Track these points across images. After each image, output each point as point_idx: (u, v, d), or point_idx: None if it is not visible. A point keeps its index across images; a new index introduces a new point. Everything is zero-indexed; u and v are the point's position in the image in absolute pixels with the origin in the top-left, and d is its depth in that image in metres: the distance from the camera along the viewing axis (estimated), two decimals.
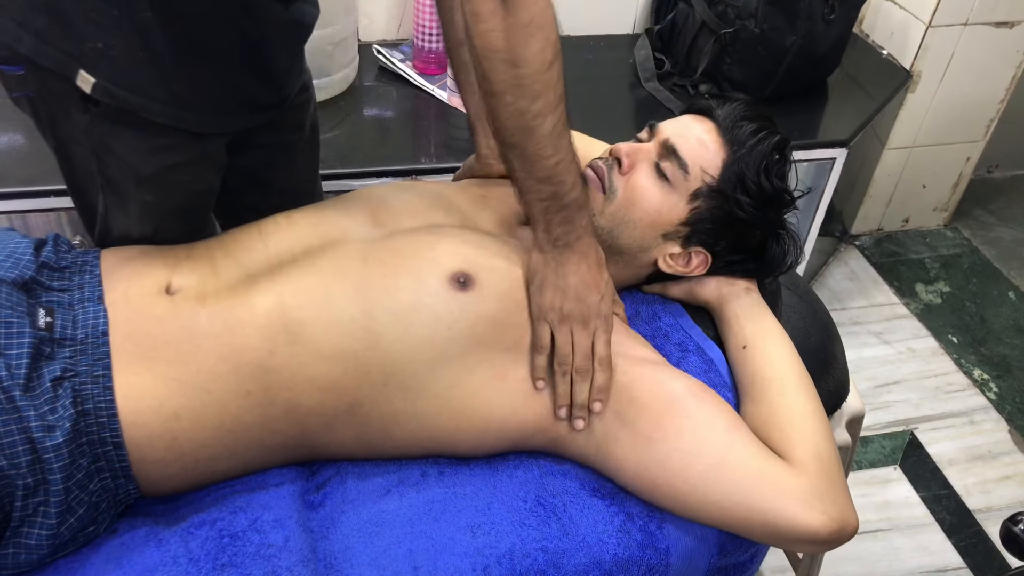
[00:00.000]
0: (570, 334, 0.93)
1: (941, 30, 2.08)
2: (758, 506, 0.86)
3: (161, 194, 1.02)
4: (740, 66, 1.85)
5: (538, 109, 0.84)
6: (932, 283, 2.36)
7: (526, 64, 0.82)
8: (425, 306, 0.91)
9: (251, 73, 1.04)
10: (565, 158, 0.88)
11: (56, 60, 0.91)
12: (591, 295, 0.94)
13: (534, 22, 0.80)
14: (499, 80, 0.83)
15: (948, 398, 2.04)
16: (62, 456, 0.81)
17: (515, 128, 0.85)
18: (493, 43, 0.81)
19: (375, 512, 0.91)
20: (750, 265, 1.06)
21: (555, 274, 0.93)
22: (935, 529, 1.75)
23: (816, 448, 0.90)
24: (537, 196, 0.90)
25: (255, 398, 0.89)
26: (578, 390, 0.93)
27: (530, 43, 0.81)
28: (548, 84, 0.83)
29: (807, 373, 0.98)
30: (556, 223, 0.91)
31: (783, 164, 1.03)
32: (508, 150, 0.88)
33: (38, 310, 0.88)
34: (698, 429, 0.89)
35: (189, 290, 0.93)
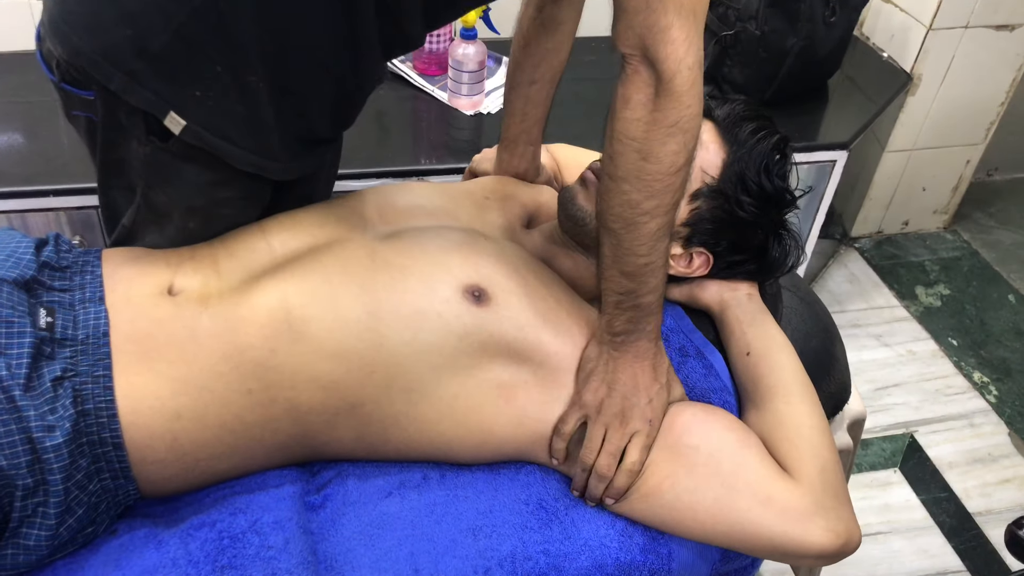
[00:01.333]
0: (603, 431, 0.91)
1: (942, 33, 2.08)
2: (766, 532, 0.87)
3: (205, 224, 1.02)
4: (741, 68, 1.85)
5: (650, 207, 0.83)
6: (932, 286, 2.36)
7: (657, 161, 0.81)
8: (435, 313, 0.90)
9: (336, 123, 1.05)
10: (656, 262, 0.87)
11: (146, 100, 0.90)
12: (639, 397, 0.91)
13: (679, 124, 0.79)
14: (625, 167, 0.82)
15: (948, 401, 2.04)
16: (62, 456, 0.81)
17: (620, 217, 0.84)
18: (633, 132, 0.80)
19: (376, 514, 0.91)
20: (751, 266, 1.06)
21: (605, 368, 0.91)
22: (935, 532, 1.75)
23: (823, 463, 0.90)
24: (614, 287, 0.89)
25: (256, 397, 0.88)
26: (593, 486, 0.92)
27: (668, 143, 0.80)
28: (669, 187, 0.83)
29: (810, 383, 0.98)
30: (622, 320, 0.90)
31: (784, 163, 1.03)
32: (605, 234, 0.87)
33: (39, 310, 0.88)
34: (706, 462, 0.90)
35: (191, 291, 0.93)
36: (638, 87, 0.79)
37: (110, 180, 1.02)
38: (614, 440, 0.91)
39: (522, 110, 1.21)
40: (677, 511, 0.89)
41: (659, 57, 0.77)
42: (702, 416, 0.93)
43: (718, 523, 0.88)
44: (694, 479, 0.89)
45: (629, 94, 0.80)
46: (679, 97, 0.78)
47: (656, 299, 0.89)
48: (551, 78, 1.19)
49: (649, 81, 0.79)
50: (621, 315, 0.89)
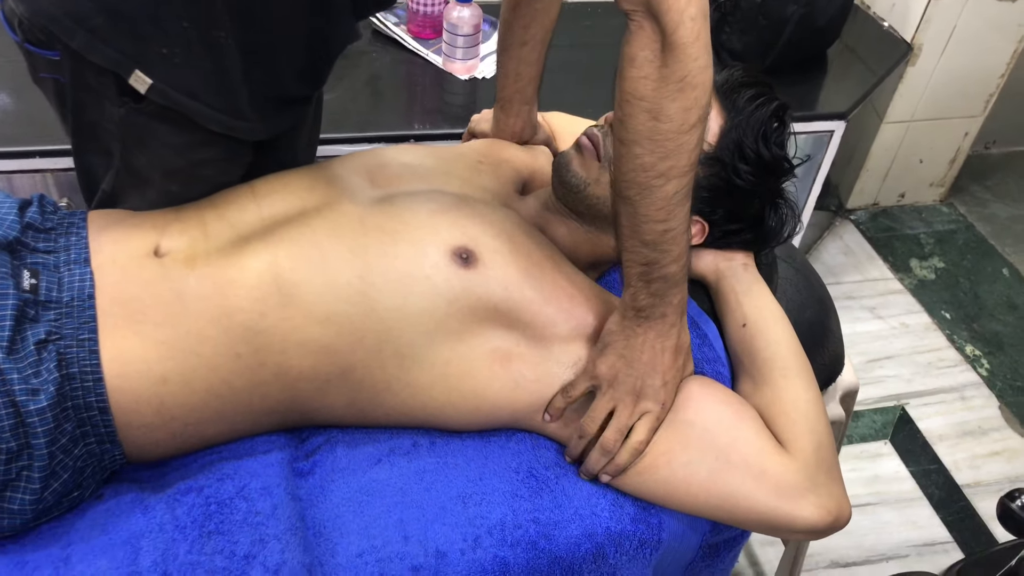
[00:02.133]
0: (611, 406, 0.90)
1: (943, 3, 2.05)
2: (758, 507, 0.87)
3: (186, 186, 1.01)
4: (740, 35, 1.82)
5: (664, 169, 0.80)
6: (926, 259, 2.36)
7: (668, 119, 0.78)
8: (424, 277, 0.89)
9: (305, 81, 1.03)
10: (677, 228, 0.84)
11: (110, 58, 0.88)
12: (655, 377, 0.89)
13: (687, 79, 0.77)
14: (636, 129, 0.79)
15: (940, 374, 2.04)
16: (46, 420, 0.80)
17: (634, 182, 0.81)
18: (641, 90, 0.78)
19: (365, 481, 0.90)
20: (748, 235, 1.05)
21: (625, 342, 0.89)
22: (923, 503, 1.76)
23: (818, 439, 0.90)
24: (636, 259, 0.86)
25: (245, 361, 0.87)
26: (594, 459, 0.90)
27: (678, 99, 0.77)
28: (683, 146, 0.80)
29: (806, 356, 0.98)
30: (645, 293, 0.87)
31: (782, 131, 1.01)
32: (621, 203, 0.84)
33: (22, 272, 0.86)
34: (701, 435, 0.89)
35: (178, 252, 0.91)
36: (643, 44, 0.77)
37: (85, 145, 1.00)
38: (623, 417, 0.89)
39: (515, 71, 1.19)
40: (671, 485, 0.89)
41: (661, 9, 0.75)
42: (698, 390, 0.93)
43: (711, 497, 0.88)
44: (688, 453, 0.89)
45: (634, 52, 0.77)
46: (684, 49, 0.76)
47: (680, 269, 0.86)
48: (542, 38, 1.17)
49: (654, 37, 0.76)
50: (645, 288, 0.86)
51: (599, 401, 0.90)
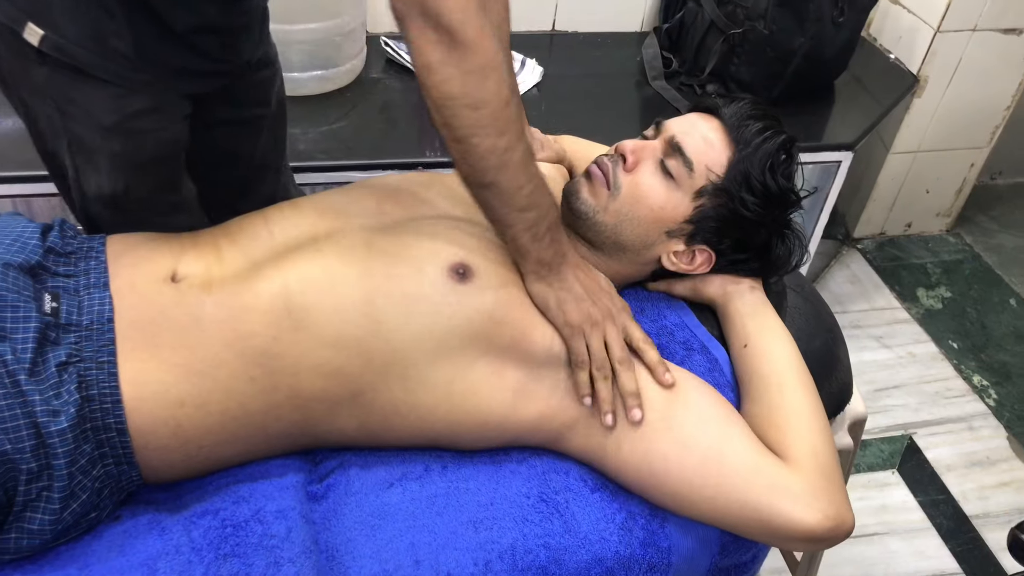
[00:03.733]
0: (603, 337, 0.94)
1: (949, 35, 2.08)
2: (753, 502, 0.86)
3: (128, 144, 1.03)
4: (748, 67, 1.85)
5: (507, 144, 0.85)
6: (933, 288, 2.36)
7: (486, 105, 0.83)
8: (424, 296, 0.91)
9: (198, 33, 1.04)
10: (538, 183, 0.90)
11: (6, 13, 0.91)
12: (602, 295, 0.96)
13: (487, 65, 0.81)
14: (463, 125, 0.84)
15: (947, 403, 2.04)
16: (67, 441, 0.81)
17: (489, 167, 0.86)
18: (451, 91, 0.82)
19: (378, 505, 0.91)
20: (754, 264, 1.06)
21: (566, 291, 0.94)
22: (932, 534, 1.75)
23: (812, 445, 0.90)
24: (522, 226, 0.91)
25: (259, 384, 0.89)
26: (626, 379, 0.93)
27: (487, 85, 0.82)
28: (510, 120, 0.85)
29: (807, 371, 0.98)
30: (546, 246, 0.93)
31: (789, 163, 1.03)
32: (484, 190, 0.89)
33: (44, 295, 0.88)
34: (696, 423, 0.90)
35: (194, 278, 0.93)
36: (430, 49, 0.80)
37: (38, 125, 1.03)
38: (614, 336, 0.94)
39: None
40: (665, 470, 0.89)
41: (442, 11, 0.78)
42: (694, 385, 0.94)
43: (705, 485, 0.88)
44: (684, 434, 0.90)
45: (426, 60, 0.81)
46: (476, 42, 0.80)
47: (556, 212, 0.94)
48: None
49: (438, 39, 0.80)
50: (542, 242, 0.92)
51: (593, 344, 0.93)
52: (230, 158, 1.26)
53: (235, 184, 1.29)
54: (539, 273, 0.95)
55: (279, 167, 1.35)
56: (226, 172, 1.27)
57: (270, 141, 1.30)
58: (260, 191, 1.32)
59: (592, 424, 0.93)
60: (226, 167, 1.27)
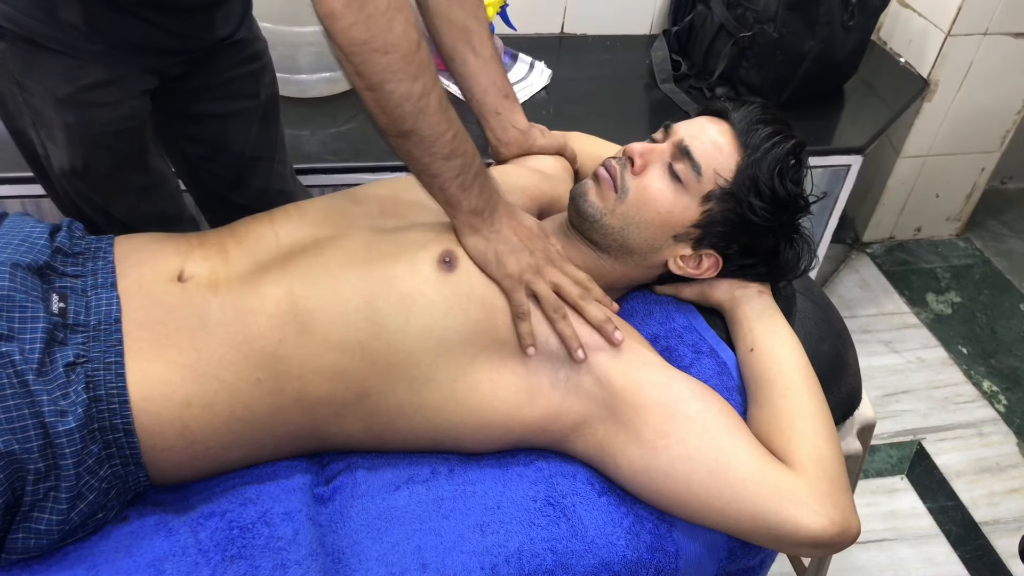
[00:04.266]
0: (547, 284, 0.95)
1: (960, 39, 2.07)
2: (759, 510, 0.85)
3: (82, 116, 1.04)
4: (757, 70, 1.84)
5: (422, 88, 0.84)
6: (943, 293, 2.35)
7: (396, 48, 0.82)
8: (421, 294, 0.92)
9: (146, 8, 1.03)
10: (459, 130, 0.90)
11: None
12: (537, 240, 0.97)
13: (391, 7, 0.81)
14: (375, 71, 0.83)
15: (957, 409, 2.03)
16: (74, 441, 0.81)
17: (406, 114, 0.85)
18: (357, 36, 0.81)
19: (384, 508, 0.91)
20: (762, 269, 1.05)
21: (503, 243, 0.95)
22: (941, 540, 1.74)
23: (817, 450, 0.89)
24: (449, 175, 0.91)
25: (266, 386, 0.89)
26: (593, 313, 0.95)
27: (394, 27, 0.81)
28: (423, 63, 0.84)
29: (814, 375, 0.98)
30: (475, 194, 0.93)
31: (798, 169, 1.02)
32: (405, 140, 0.88)
33: (52, 295, 0.88)
34: (701, 434, 0.89)
35: (201, 277, 0.93)
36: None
37: (6, 106, 1.04)
38: (561, 278, 0.96)
39: (466, 90, 1.20)
40: (672, 480, 0.88)
41: None
42: (701, 393, 0.93)
43: (712, 496, 0.87)
44: (688, 449, 0.88)
45: (328, 8, 0.80)
46: None
47: (480, 159, 0.93)
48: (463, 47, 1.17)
49: None
50: (471, 190, 0.92)
51: (540, 290, 0.95)
52: (220, 150, 1.27)
53: (226, 176, 1.30)
54: (473, 225, 0.95)
55: (272, 160, 1.36)
56: (217, 164, 1.28)
57: (261, 134, 1.30)
58: (252, 184, 1.33)
59: (598, 427, 0.93)
60: (216, 159, 1.28)
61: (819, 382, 0.98)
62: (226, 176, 1.30)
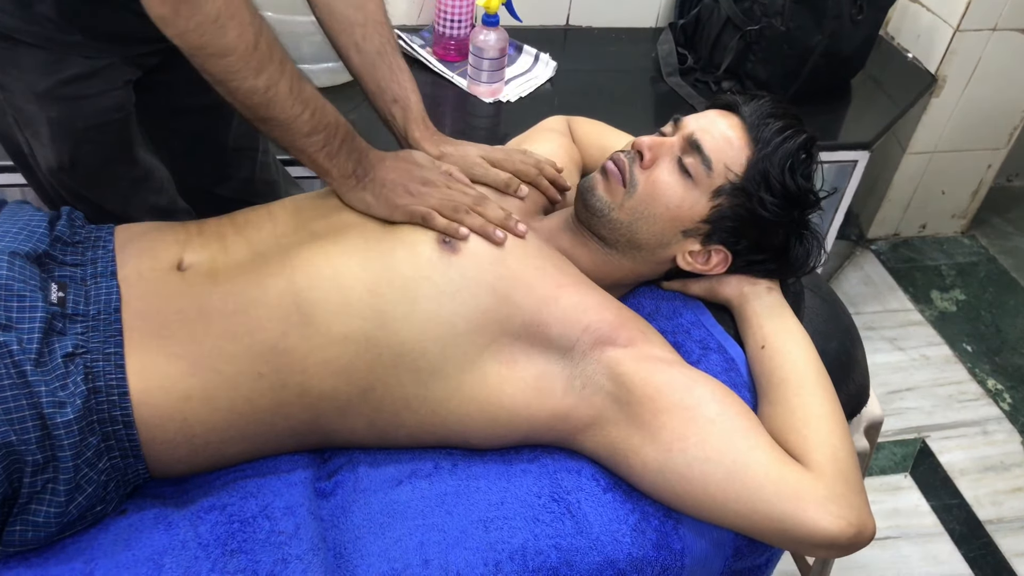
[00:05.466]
0: (442, 192, 0.98)
1: (969, 35, 2.05)
2: (776, 512, 0.84)
3: (65, 110, 1.03)
4: (764, 64, 1.83)
5: (266, 82, 0.85)
6: (948, 291, 2.34)
7: (232, 52, 0.82)
8: (424, 277, 0.90)
9: None
10: (317, 106, 0.91)
11: None
12: (418, 169, 1.00)
13: (221, 15, 0.80)
14: (216, 71, 0.84)
15: (961, 407, 2.02)
16: (72, 433, 0.80)
17: (257, 105, 0.87)
18: (191, 42, 0.82)
19: (387, 502, 0.90)
20: (771, 265, 1.04)
21: (379, 185, 0.97)
22: (944, 539, 1.74)
23: (833, 450, 0.88)
24: (313, 149, 0.92)
25: (268, 380, 0.87)
26: (492, 213, 0.97)
27: (227, 34, 0.81)
28: (263, 59, 0.84)
29: (826, 373, 0.97)
30: (344, 161, 0.94)
31: (809, 163, 1.01)
32: (264, 125, 0.90)
33: (51, 284, 0.87)
34: (720, 436, 0.87)
35: (200, 267, 0.92)
36: (158, 4, 0.79)
37: None
38: (447, 192, 0.98)
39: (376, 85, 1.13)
40: (689, 482, 0.87)
41: None
42: (721, 395, 0.91)
43: (729, 498, 0.86)
44: (706, 451, 0.87)
45: (157, 14, 0.80)
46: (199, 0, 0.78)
47: (344, 122, 0.95)
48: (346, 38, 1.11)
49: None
50: (339, 158, 0.94)
51: (429, 203, 0.96)
52: (202, 143, 1.26)
53: (210, 169, 1.29)
54: (348, 185, 0.97)
55: (256, 151, 1.34)
56: (200, 157, 1.27)
57: (243, 126, 1.28)
58: (237, 175, 1.32)
59: (611, 427, 0.91)
60: (199, 152, 1.27)
61: (824, 369, 0.97)
62: (210, 169, 1.29)
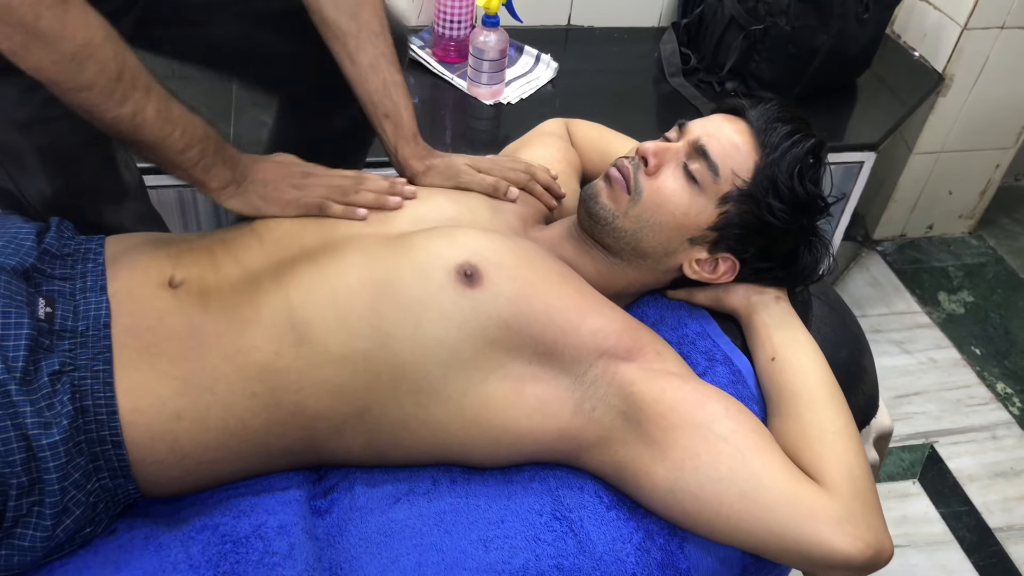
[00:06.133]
0: (324, 180, 1.00)
1: (976, 33, 2.02)
2: (791, 533, 0.81)
3: (49, 136, 1.00)
4: (769, 64, 1.80)
5: (132, 109, 0.83)
6: (955, 292, 2.31)
7: (92, 86, 0.80)
8: (433, 301, 0.87)
9: None
10: (187, 123, 0.89)
11: None
12: (290, 167, 1.01)
13: (79, 53, 0.77)
14: (79, 103, 0.81)
15: (970, 411, 1.99)
16: (58, 455, 0.78)
17: (124, 131, 0.85)
18: (49, 77, 0.79)
19: (384, 521, 0.88)
20: (780, 273, 1.01)
21: (260, 186, 0.98)
22: (954, 547, 1.71)
23: (849, 468, 0.85)
24: (190, 164, 0.91)
25: (261, 400, 0.85)
26: (370, 197, 1.00)
27: (85, 70, 0.79)
28: (127, 90, 0.82)
29: (838, 387, 0.94)
30: (220, 170, 0.94)
31: (818, 168, 0.99)
32: (134, 147, 0.88)
33: (38, 300, 0.85)
34: (733, 455, 0.84)
35: (191, 283, 0.90)
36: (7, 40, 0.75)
37: None
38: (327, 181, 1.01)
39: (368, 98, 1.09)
40: (701, 501, 0.84)
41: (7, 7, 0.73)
42: (735, 412, 0.88)
43: (743, 519, 0.83)
44: (719, 470, 0.84)
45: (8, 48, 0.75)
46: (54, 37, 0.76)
47: (214, 132, 0.93)
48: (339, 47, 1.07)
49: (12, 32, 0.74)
50: (214, 168, 0.93)
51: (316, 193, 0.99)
52: None
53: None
54: (227, 193, 0.96)
55: None
56: None
57: None
58: None
59: (619, 446, 0.88)
60: None
61: (837, 383, 0.94)
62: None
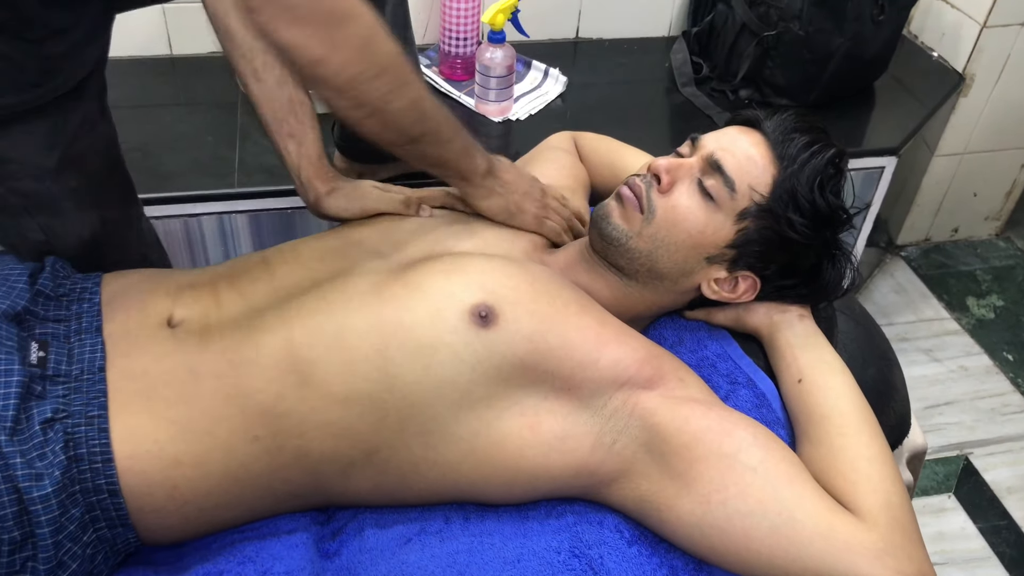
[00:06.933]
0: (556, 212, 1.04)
1: (996, 31, 1.97)
2: (827, 569, 0.76)
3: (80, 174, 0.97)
4: (783, 70, 1.76)
5: (416, 92, 0.85)
6: (984, 296, 2.25)
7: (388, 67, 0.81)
8: (445, 344, 0.83)
9: None
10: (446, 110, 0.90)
11: None
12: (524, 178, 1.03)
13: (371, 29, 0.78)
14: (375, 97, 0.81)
15: (1005, 420, 1.93)
16: (51, 508, 0.74)
17: (412, 122, 0.86)
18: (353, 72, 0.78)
19: (395, 564, 0.84)
20: (803, 290, 0.97)
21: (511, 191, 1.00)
22: (994, 563, 1.64)
23: (887, 496, 0.81)
24: (455, 156, 0.93)
25: (263, 444, 0.81)
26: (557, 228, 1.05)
27: (380, 48, 0.80)
28: (410, 69, 0.83)
29: (869, 409, 0.89)
30: (479, 159, 0.96)
31: (839, 179, 0.94)
32: (415, 145, 0.89)
33: (30, 344, 0.82)
34: (762, 486, 0.80)
35: (192, 323, 0.86)
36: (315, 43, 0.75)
37: None
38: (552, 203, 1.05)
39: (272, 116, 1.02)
40: (730, 536, 0.80)
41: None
42: (763, 440, 0.84)
43: (775, 555, 0.78)
44: (748, 503, 0.79)
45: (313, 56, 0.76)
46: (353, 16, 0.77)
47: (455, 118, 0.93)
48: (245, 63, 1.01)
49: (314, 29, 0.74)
50: (474, 156, 0.95)
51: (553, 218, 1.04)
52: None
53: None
54: (486, 186, 0.98)
55: None
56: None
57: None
58: None
59: (642, 480, 0.84)
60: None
61: (868, 405, 0.90)
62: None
